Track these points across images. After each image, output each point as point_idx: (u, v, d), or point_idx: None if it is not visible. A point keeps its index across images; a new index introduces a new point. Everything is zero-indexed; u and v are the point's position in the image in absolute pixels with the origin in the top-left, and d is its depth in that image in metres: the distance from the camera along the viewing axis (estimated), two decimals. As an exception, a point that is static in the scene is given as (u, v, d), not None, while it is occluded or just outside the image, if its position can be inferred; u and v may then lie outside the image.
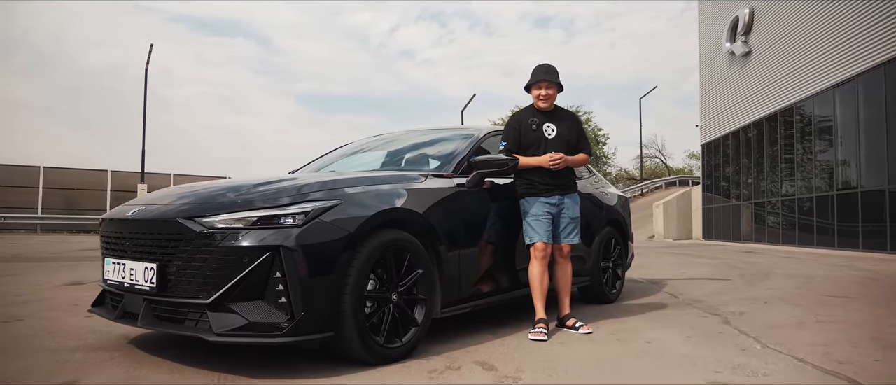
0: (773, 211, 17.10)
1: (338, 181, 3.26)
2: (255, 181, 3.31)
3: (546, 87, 4.16)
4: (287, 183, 3.19)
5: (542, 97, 4.16)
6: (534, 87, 4.19)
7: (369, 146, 4.87)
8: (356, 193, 3.21)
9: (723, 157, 20.96)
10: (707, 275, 8.09)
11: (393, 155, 4.61)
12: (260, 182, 3.26)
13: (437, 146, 4.41)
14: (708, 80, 22.21)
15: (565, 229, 4.16)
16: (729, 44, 19.43)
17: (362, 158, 4.66)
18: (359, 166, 4.51)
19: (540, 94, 4.16)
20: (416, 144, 4.62)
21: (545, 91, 4.15)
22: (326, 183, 3.20)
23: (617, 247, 5.63)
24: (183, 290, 2.91)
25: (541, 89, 4.16)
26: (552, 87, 4.18)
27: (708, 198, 22.33)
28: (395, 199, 3.37)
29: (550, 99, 4.18)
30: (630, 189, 38.48)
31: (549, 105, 4.19)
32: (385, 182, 3.46)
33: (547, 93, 4.16)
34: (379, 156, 4.67)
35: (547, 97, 4.16)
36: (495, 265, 4.11)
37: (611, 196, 5.77)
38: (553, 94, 4.19)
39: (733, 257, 11.99)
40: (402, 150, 4.60)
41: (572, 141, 4.22)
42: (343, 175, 3.56)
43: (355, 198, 3.18)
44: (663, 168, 48.44)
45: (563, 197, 4.14)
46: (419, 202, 3.48)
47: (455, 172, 3.93)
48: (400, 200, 3.38)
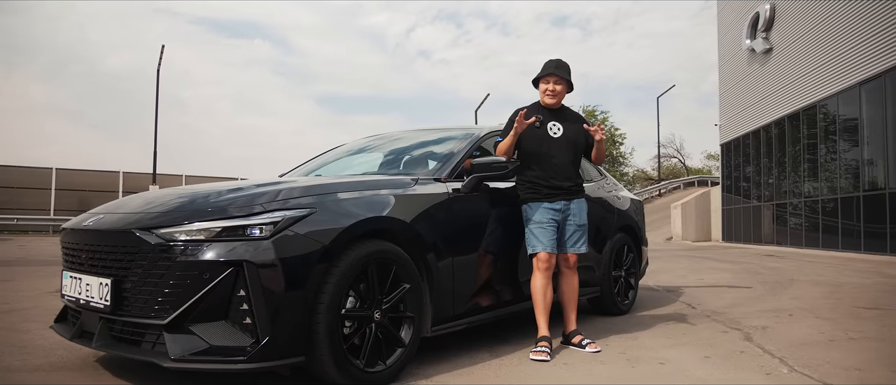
0: (796, 212, 16.58)
1: (314, 187, 2.96)
2: (227, 187, 3.02)
3: (555, 81, 3.84)
4: (256, 190, 2.89)
5: (549, 92, 3.84)
6: (542, 80, 3.88)
7: (362, 148, 4.56)
8: (334, 201, 2.90)
9: (743, 157, 20.43)
10: (726, 282, 7.70)
11: (385, 158, 4.29)
12: (231, 188, 2.97)
13: (432, 148, 4.09)
14: (727, 78, 21.68)
15: (571, 238, 3.82)
16: (749, 41, 18.90)
17: (353, 161, 4.35)
18: (349, 169, 4.20)
19: (547, 88, 3.84)
20: (411, 146, 4.30)
21: (553, 85, 3.84)
22: (301, 189, 2.89)
23: (629, 254, 5.27)
24: (139, 309, 2.62)
25: (548, 83, 3.85)
26: (561, 83, 3.86)
27: (727, 199, 21.79)
28: (380, 206, 3.05)
29: (558, 95, 3.86)
30: (647, 190, 37.92)
31: (556, 102, 3.87)
32: (369, 188, 3.15)
33: (554, 88, 3.84)
34: (370, 158, 4.36)
35: (554, 93, 3.84)
36: (495, 277, 3.79)
37: (623, 200, 5.42)
38: (561, 91, 3.87)
39: (754, 261, 11.54)
40: (395, 153, 4.29)
41: (580, 143, 3.90)
42: (322, 181, 3.25)
43: (333, 206, 2.87)
44: (681, 168, 47.72)
45: (568, 202, 3.80)
46: (407, 210, 3.16)
47: (450, 176, 3.61)
48: (385, 208, 3.06)
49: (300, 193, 2.84)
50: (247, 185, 3.03)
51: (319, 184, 3.04)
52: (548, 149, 3.76)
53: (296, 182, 3.09)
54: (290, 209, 2.72)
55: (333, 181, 3.16)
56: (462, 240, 3.49)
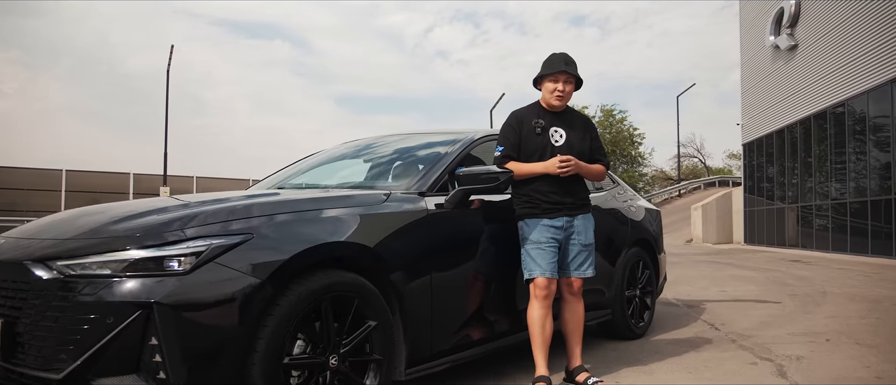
0: (822, 215, 15.83)
1: (255, 207, 2.45)
2: (147, 207, 2.52)
3: (565, 80, 3.30)
4: (179, 212, 2.39)
5: (559, 94, 3.30)
6: (548, 78, 3.33)
7: (339, 155, 4.03)
8: (279, 224, 2.40)
9: (766, 157, 19.68)
10: (752, 295, 7.09)
11: (360, 167, 3.78)
12: (151, 209, 2.47)
13: (414, 155, 3.57)
14: (750, 76, 20.91)
15: (576, 259, 3.29)
16: (773, 37, 18.15)
17: (325, 171, 3.83)
18: (320, 180, 3.69)
19: (556, 88, 3.30)
20: (391, 154, 3.78)
21: (563, 86, 3.30)
22: (237, 210, 2.39)
23: (645, 271, 4.72)
24: (34, 359, 2.13)
25: (558, 83, 3.30)
26: (571, 82, 3.32)
27: (750, 200, 21.03)
28: (338, 229, 2.55)
29: (567, 96, 3.34)
30: (667, 190, 37.09)
31: (562, 104, 3.35)
32: (327, 206, 2.64)
33: (565, 89, 3.30)
34: (345, 167, 3.85)
35: (563, 94, 3.31)
36: (488, 304, 3.27)
37: (638, 210, 4.86)
38: (570, 92, 3.35)
39: (780, 268, 10.89)
40: (372, 162, 3.77)
41: (585, 151, 3.36)
42: (266, 199, 2.73)
43: (276, 230, 2.37)
44: (702, 168, 46.76)
45: (572, 218, 3.27)
46: (373, 231, 2.65)
47: (432, 189, 3.09)
48: (344, 231, 2.55)
49: (235, 215, 2.34)
50: (172, 205, 2.53)
51: (262, 202, 2.54)
52: (549, 157, 3.23)
53: (233, 200, 2.58)
54: (219, 236, 2.22)
55: (281, 199, 2.66)
56: (445, 263, 2.97)
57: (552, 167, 3.17)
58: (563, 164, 3.16)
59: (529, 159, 3.26)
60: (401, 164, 3.52)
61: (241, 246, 2.21)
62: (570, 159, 3.18)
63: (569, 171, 3.18)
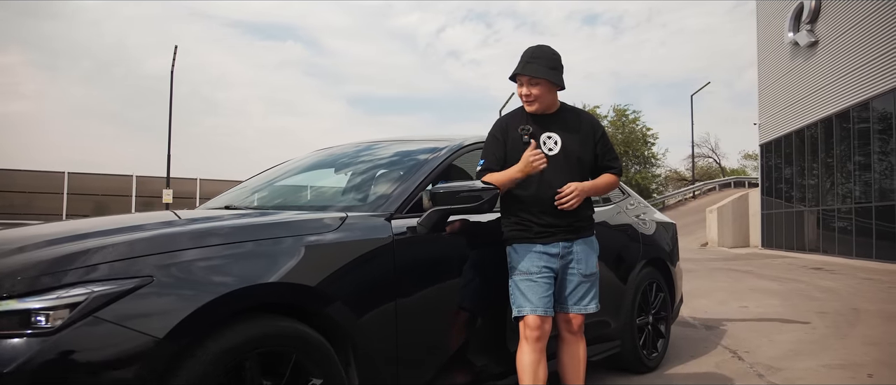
0: (844, 218, 15.15)
1: (162, 239, 1.95)
2: (22, 238, 2.02)
3: (528, 82, 2.73)
4: (59, 248, 1.87)
5: (524, 99, 2.76)
6: (517, 79, 2.79)
7: (305, 166, 3.50)
8: (191, 262, 1.89)
9: (784, 159, 19.00)
10: (776, 312, 6.51)
11: (326, 181, 3.27)
12: (38, 241, 1.97)
13: (385, 168, 3.05)
14: (767, 74, 20.22)
15: (575, 292, 2.76)
16: (792, 34, 17.47)
17: (283, 187, 3.30)
18: (273, 198, 3.17)
19: (520, 93, 2.77)
20: (361, 165, 3.24)
21: (527, 89, 2.73)
22: (137, 244, 1.88)
23: (659, 294, 4.17)
24: None
25: (521, 86, 2.75)
26: (537, 84, 2.73)
27: (767, 202, 20.35)
28: (271, 265, 2.04)
29: (537, 100, 2.75)
30: (681, 192, 36.35)
31: (536, 108, 2.77)
32: (263, 235, 2.13)
33: (529, 92, 2.73)
34: (308, 181, 3.33)
35: (530, 99, 2.75)
36: (471, 347, 2.76)
37: (651, 224, 4.32)
38: (541, 94, 2.74)
39: (802, 277, 10.28)
40: (340, 174, 3.25)
41: (587, 158, 2.82)
42: (184, 226, 2.21)
43: (186, 270, 1.86)
44: (717, 169, 45.91)
45: (570, 243, 2.74)
46: (319, 266, 2.15)
47: (402, 209, 2.58)
48: (279, 268, 2.05)
49: (133, 251, 1.83)
50: (57, 235, 2.03)
51: (171, 234, 2.01)
52: (541, 171, 2.70)
53: (141, 230, 2.07)
54: (107, 280, 1.72)
55: (197, 229, 2.13)
56: (414, 300, 2.46)
57: (525, 166, 2.62)
58: (563, 198, 2.64)
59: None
60: (368, 179, 3.00)
61: (135, 293, 1.71)
62: (572, 188, 2.65)
63: (572, 204, 2.65)
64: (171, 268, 1.82)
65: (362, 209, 2.58)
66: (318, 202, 2.94)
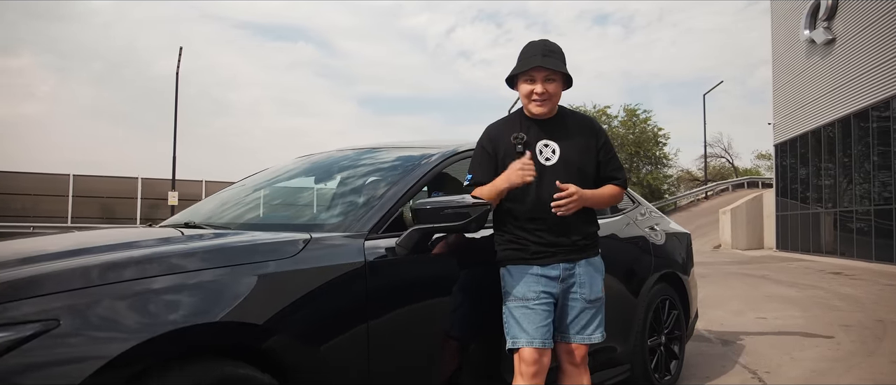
0: (863, 220, 14.70)
1: (73, 272, 1.63)
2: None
3: (544, 79, 2.40)
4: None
5: (538, 98, 2.41)
6: (522, 77, 2.45)
7: (277, 177, 3.16)
8: (111, 299, 1.58)
9: (800, 159, 18.53)
10: (797, 324, 6.14)
11: (299, 192, 2.95)
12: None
13: (365, 179, 2.73)
14: (782, 73, 19.75)
15: (578, 320, 2.44)
16: (808, 31, 17.00)
17: (253, 198, 2.98)
18: (238, 213, 2.84)
19: (533, 91, 2.41)
20: (338, 175, 2.92)
21: (542, 86, 2.39)
22: (40, 281, 1.57)
23: (672, 312, 3.84)
24: None
25: (535, 83, 2.41)
26: (553, 81, 2.42)
27: (782, 203, 19.88)
28: (213, 301, 1.74)
29: (550, 100, 2.43)
30: (693, 192, 35.82)
31: (547, 110, 2.45)
32: (209, 263, 1.82)
33: (544, 89, 2.40)
34: (280, 194, 3.00)
35: (544, 97, 2.41)
36: (461, 380, 2.44)
37: (664, 236, 3.98)
38: (555, 92, 2.43)
39: (821, 283, 9.88)
40: (315, 185, 2.94)
41: (589, 168, 2.49)
42: (107, 254, 1.86)
43: (108, 309, 1.56)
44: (730, 169, 45.28)
45: (572, 265, 2.42)
46: (272, 300, 1.84)
47: (379, 227, 2.27)
48: (222, 303, 1.75)
49: (34, 289, 1.53)
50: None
51: (86, 265, 1.69)
52: (538, 183, 2.38)
53: (54, 260, 1.75)
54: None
55: (128, 256, 1.80)
56: (392, 332, 2.15)
57: (510, 175, 2.31)
58: (561, 199, 2.31)
59: (512, 189, 2.41)
60: (343, 193, 2.69)
61: (34, 342, 1.41)
62: (572, 191, 2.32)
63: (570, 208, 2.33)
64: (85, 308, 1.52)
65: (332, 228, 2.27)
66: (284, 219, 2.63)
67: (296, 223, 2.46)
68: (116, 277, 1.63)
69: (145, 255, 1.80)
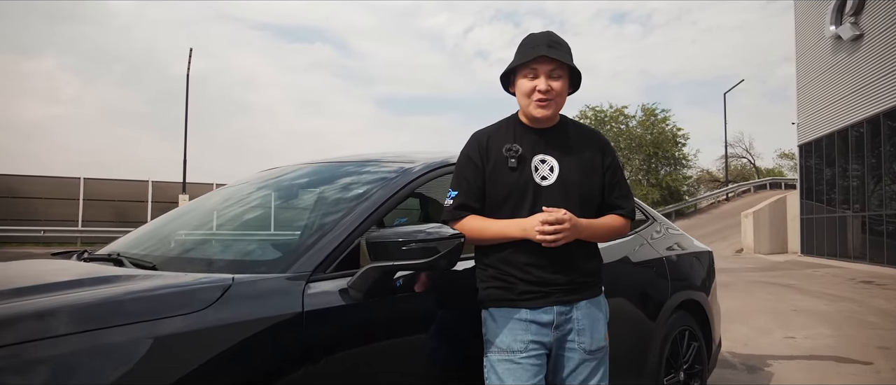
0: (894, 223, 14.03)
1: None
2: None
3: (548, 74, 1.96)
4: None
5: (541, 96, 1.96)
6: (522, 72, 2.00)
7: (227, 199, 2.73)
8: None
9: (826, 160, 17.84)
10: (830, 346, 5.62)
11: (245, 217, 2.51)
12: None
13: (320, 202, 2.29)
14: (806, 70, 19.06)
15: (576, 374, 1.99)
16: (834, 27, 16.33)
17: (192, 225, 2.53)
18: (170, 245, 2.38)
19: (535, 88, 1.96)
20: (289, 196, 2.48)
21: (546, 82, 1.95)
22: None
23: (692, 344, 3.37)
24: None
25: (538, 79, 1.96)
26: (559, 77, 1.98)
27: (807, 206, 19.19)
28: (87, 374, 1.31)
29: (554, 102, 1.99)
30: (714, 193, 35.04)
31: (551, 113, 2.01)
32: (96, 321, 1.40)
33: (549, 87, 1.95)
34: (222, 219, 2.55)
35: (548, 97, 1.96)
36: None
37: (683, 257, 3.52)
38: (560, 92, 1.99)
39: (852, 294, 9.31)
40: (261, 210, 2.49)
41: (591, 193, 2.04)
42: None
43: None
44: (751, 169, 44.34)
45: (569, 308, 1.98)
46: (171, 369, 1.42)
47: (326, 265, 1.83)
48: (101, 378, 1.32)
49: None
50: None
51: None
52: (530, 208, 1.95)
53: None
54: None
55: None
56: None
57: (530, 231, 1.88)
58: (547, 229, 1.86)
59: (500, 210, 1.97)
60: (290, 220, 2.25)
61: None
62: (563, 217, 1.88)
63: (558, 240, 1.89)
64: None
65: (267, 267, 1.84)
66: (214, 254, 2.19)
67: (223, 260, 2.02)
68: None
69: (18, 313, 1.37)
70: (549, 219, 1.84)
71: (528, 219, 1.90)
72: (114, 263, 2.08)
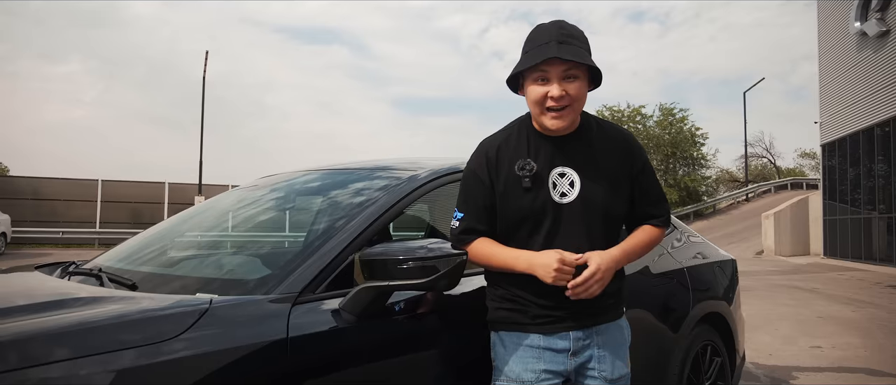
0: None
1: None
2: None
3: (562, 76, 1.71)
4: None
5: (555, 105, 1.71)
6: (530, 76, 1.75)
7: (229, 206, 2.55)
8: None
9: (850, 160, 17.43)
10: (859, 357, 5.39)
11: (231, 232, 2.35)
12: None
13: (310, 215, 2.14)
14: (829, 68, 18.65)
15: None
16: (858, 24, 15.94)
17: (183, 236, 2.40)
18: (156, 260, 2.23)
19: (547, 94, 1.70)
20: (279, 208, 2.33)
21: (559, 87, 1.69)
22: None
23: (715, 359, 3.18)
24: None
25: (549, 84, 1.71)
26: (575, 78, 1.71)
27: (830, 207, 18.76)
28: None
29: (571, 108, 1.73)
30: (734, 194, 34.53)
31: (568, 123, 1.75)
32: (54, 352, 1.27)
33: (563, 93, 1.70)
34: (214, 231, 2.42)
35: (563, 104, 1.71)
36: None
37: (705, 267, 3.32)
38: (577, 96, 1.72)
39: (880, 299, 9.02)
40: (252, 223, 2.34)
41: (617, 208, 1.82)
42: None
43: None
44: (772, 169, 43.68)
45: (588, 331, 1.80)
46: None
47: (316, 285, 1.68)
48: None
49: None
50: None
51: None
52: (548, 228, 1.75)
53: None
54: None
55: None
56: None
57: (538, 270, 1.68)
58: (579, 286, 1.68)
59: (516, 234, 1.78)
60: (279, 233, 2.11)
61: None
62: (591, 274, 1.67)
63: (591, 293, 1.69)
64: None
65: (251, 287, 1.68)
66: (197, 271, 2.04)
67: (206, 278, 1.86)
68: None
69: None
70: (581, 279, 1.67)
71: (538, 255, 1.69)
72: (96, 279, 1.95)
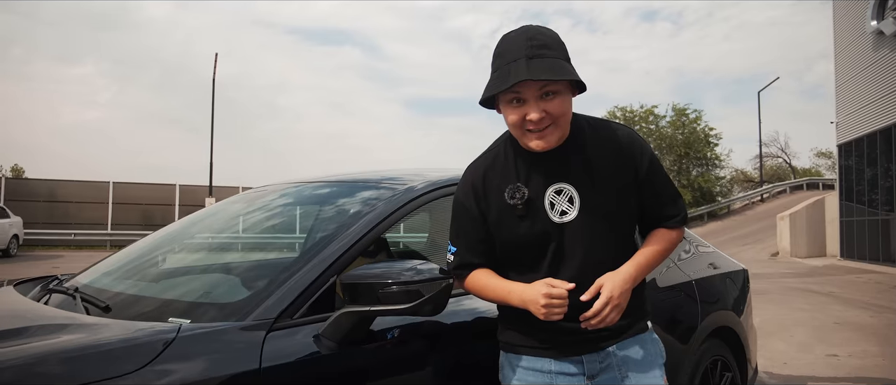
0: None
1: None
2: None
3: (539, 95, 1.53)
4: None
5: (534, 128, 1.55)
6: (505, 96, 1.56)
7: (213, 221, 2.49)
8: None
9: (867, 160, 17.14)
10: (878, 366, 5.22)
11: (213, 250, 2.27)
12: None
13: (293, 232, 2.05)
14: (846, 67, 18.35)
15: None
16: (875, 22, 15.67)
17: (165, 252, 2.32)
18: (137, 279, 2.14)
19: (526, 117, 1.54)
20: (262, 225, 2.23)
21: (537, 110, 1.52)
22: None
23: (725, 374, 3.06)
24: None
25: (525, 105, 1.54)
26: (555, 95, 1.53)
27: (847, 208, 18.46)
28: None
29: (555, 126, 1.56)
30: (748, 195, 34.15)
31: (556, 140, 1.58)
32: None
33: (542, 115, 1.53)
34: (198, 249, 2.32)
35: (544, 125, 1.54)
36: None
37: (715, 278, 3.20)
38: (560, 113, 1.56)
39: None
40: (234, 241, 2.24)
41: (625, 214, 1.67)
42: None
43: None
44: (787, 169, 43.19)
45: (604, 353, 1.66)
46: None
47: (293, 311, 1.58)
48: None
49: None
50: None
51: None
52: (552, 252, 1.62)
53: None
54: None
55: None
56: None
57: (531, 305, 1.54)
58: (583, 317, 1.56)
59: (518, 263, 1.65)
60: (261, 251, 2.01)
61: None
62: (605, 304, 1.54)
63: (610, 320, 1.57)
64: None
65: (226, 311, 1.59)
66: (172, 293, 1.94)
67: (180, 302, 1.77)
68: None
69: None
70: (593, 311, 1.54)
71: (528, 289, 1.55)
72: (72, 299, 1.86)
